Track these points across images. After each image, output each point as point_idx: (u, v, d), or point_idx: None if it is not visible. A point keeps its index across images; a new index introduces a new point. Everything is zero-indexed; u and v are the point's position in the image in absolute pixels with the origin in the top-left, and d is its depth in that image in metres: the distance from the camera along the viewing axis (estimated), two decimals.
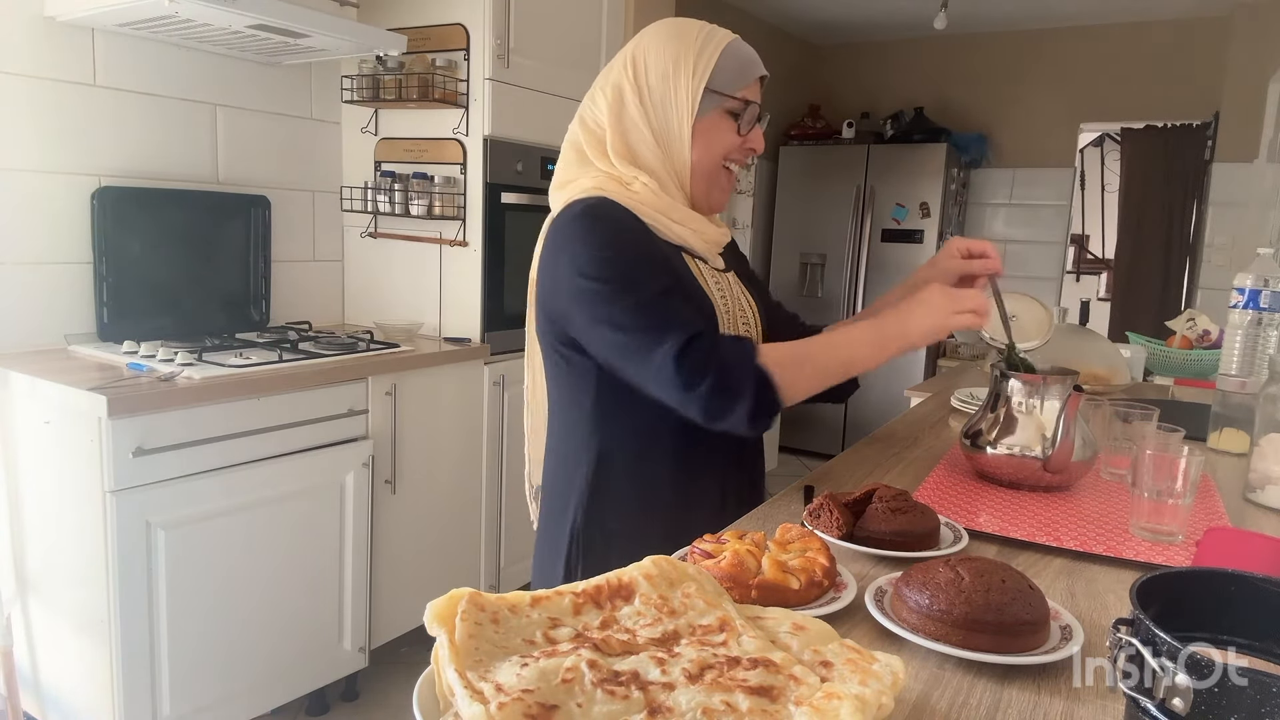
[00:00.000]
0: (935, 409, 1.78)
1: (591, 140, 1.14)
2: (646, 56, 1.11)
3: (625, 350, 1.02)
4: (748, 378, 0.98)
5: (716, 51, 1.10)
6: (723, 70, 1.10)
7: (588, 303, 1.03)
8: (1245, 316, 1.51)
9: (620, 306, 1.01)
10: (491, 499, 2.61)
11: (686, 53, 1.10)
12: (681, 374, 0.98)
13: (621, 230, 1.06)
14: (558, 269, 1.06)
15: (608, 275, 1.02)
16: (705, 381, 0.97)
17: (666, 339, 0.98)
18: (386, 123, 2.66)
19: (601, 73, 1.17)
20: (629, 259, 1.04)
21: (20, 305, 2.02)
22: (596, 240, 1.04)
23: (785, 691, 0.56)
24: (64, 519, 1.81)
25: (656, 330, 0.99)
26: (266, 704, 2.05)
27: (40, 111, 2.01)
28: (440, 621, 0.58)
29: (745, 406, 0.98)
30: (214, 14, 1.90)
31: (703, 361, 0.98)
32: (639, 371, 1.02)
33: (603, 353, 1.05)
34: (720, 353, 0.99)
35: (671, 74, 1.10)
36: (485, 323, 2.56)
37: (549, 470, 1.20)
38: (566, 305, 1.06)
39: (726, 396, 0.98)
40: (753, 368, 0.99)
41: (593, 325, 1.04)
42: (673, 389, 0.99)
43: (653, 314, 1.00)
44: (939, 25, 3.90)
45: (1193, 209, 4.59)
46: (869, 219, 4.72)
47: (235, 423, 1.88)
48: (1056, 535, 0.99)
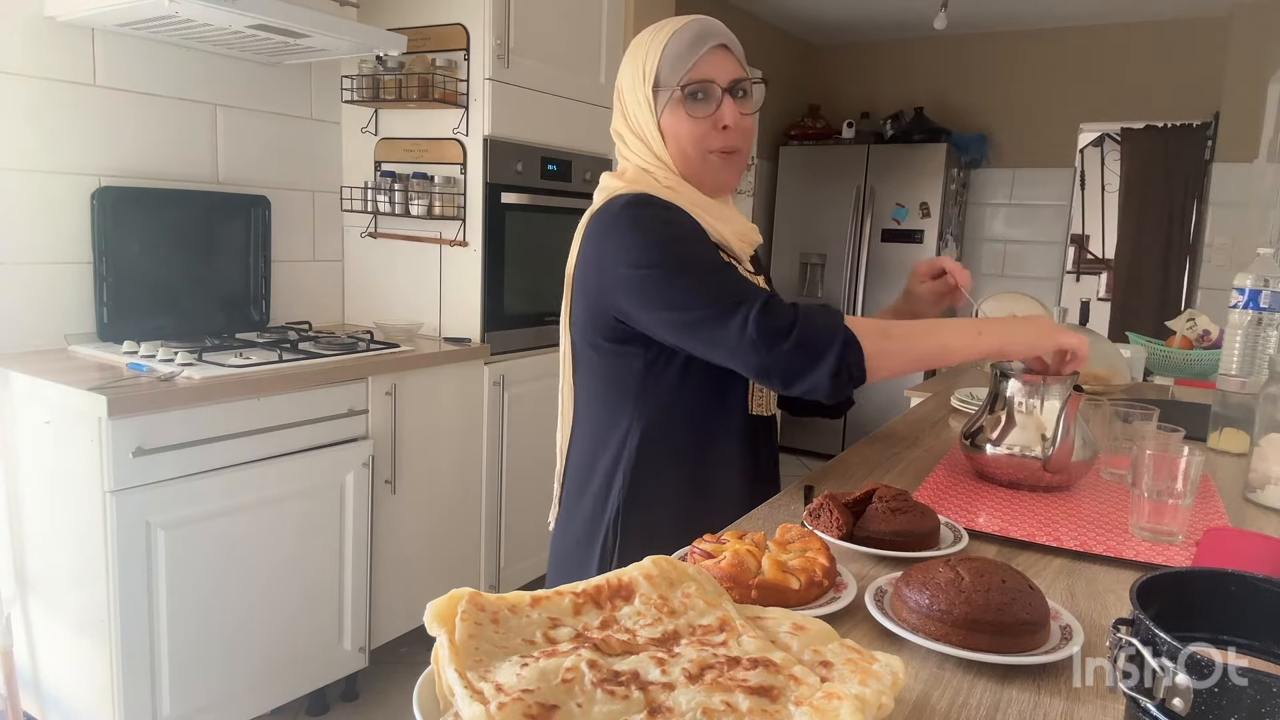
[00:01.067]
0: (935, 409, 1.78)
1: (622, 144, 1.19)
2: (623, 72, 1.15)
3: (694, 326, 1.01)
4: (835, 335, 0.97)
5: (660, 48, 1.10)
6: (665, 63, 1.10)
7: (643, 291, 1.04)
8: (1245, 316, 1.51)
9: (680, 288, 1.02)
10: (491, 499, 2.61)
11: (639, 57, 1.12)
12: (764, 334, 0.97)
13: (667, 217, 1.07)
14: (603, 263, 1.07)
15: (659, 260, 1.03)
16: (789, 338, 0.97)
17: (741, 306, 0.98)
18: (386, 123, 2.66)
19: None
20: (680, 242, 1.05)
21: (20, 305, 2.02)
22: (644, 228, 1.05)
23: (785, 691, 0.56)
24: (64, 519, 1.81)
25: (726, 302, 0.99)
26: (266, 704, 2.05)
27: (40, 111, 2.01)
28: (440, 621, 0.58)
29: (829, 365, 0.97)
30: (214, 14, 1.90)
31: (787, 319, 0.97)
32: (713, 343, 1.01)
33: (668, 336, 1.05)
34: (803, 310, 0.99)
35: (633, 85, 1.13)
36: (485, 323, 2.56)
37: (581, 464, 1.20)
38: (618, 298, 1.06)
39: (811, 352, 0.97)
40: (839, 326, 0.98)
41: (652, 312, 1.04)
42: (753, 351, 0.98)
43: (717, 288, 1.01)
44: (939, 25, 3.90)
45: (1193, 209, 4.59)
46: (869, 219, 4.72)
47: (235, 423, 1.88)
48: (1056, 535, 0.99)
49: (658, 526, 1.10)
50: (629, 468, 1.13)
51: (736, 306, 0.98)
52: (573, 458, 1.22)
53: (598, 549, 1.14)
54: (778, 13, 4.64)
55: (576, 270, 1.13)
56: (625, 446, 1.14)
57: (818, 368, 0.97)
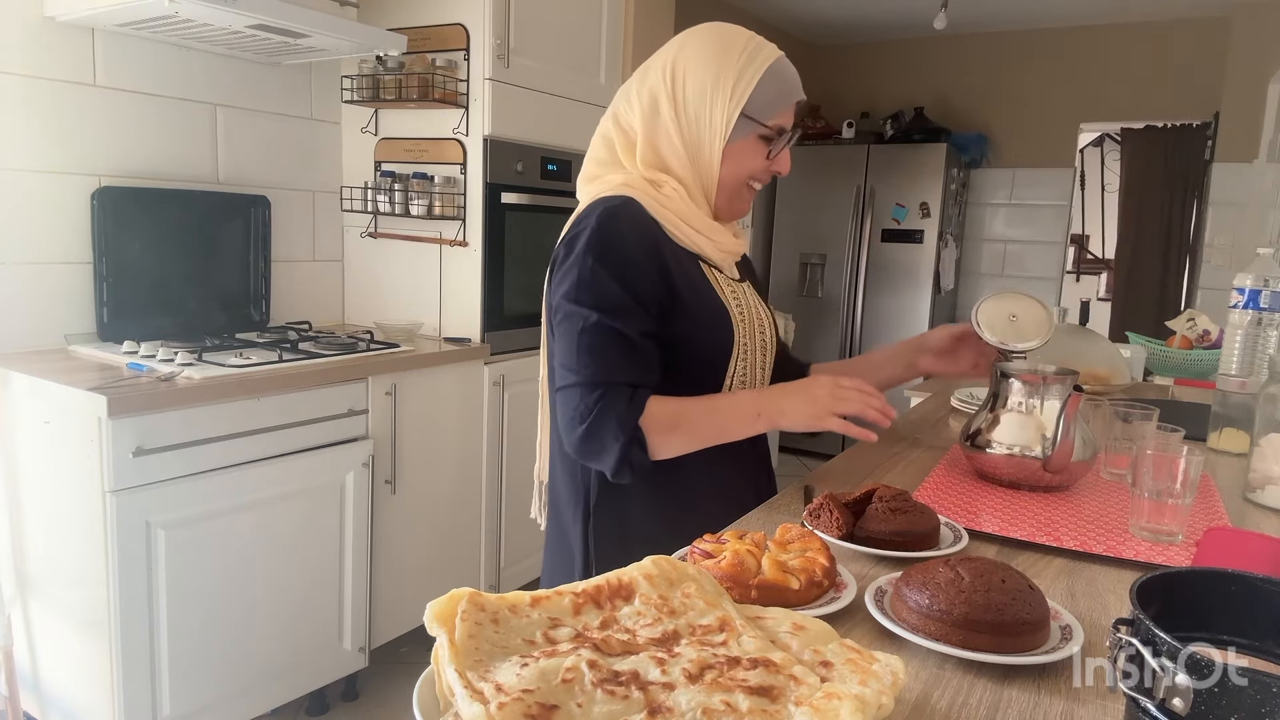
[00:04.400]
0: (935, 409, 1.78)
1: (623, 141, 1.15)
2: (687, 68, 1.10)
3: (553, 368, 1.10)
4: (621, 435, 1.03)
5: (757, 75, 1.09)
6: (761, 95, 1.10)
7: (561, 315, 1.07)
8: (1245, 316, 1.51)
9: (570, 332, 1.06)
10: (491, 499, 2.61)
11: (727, 72, 1.09)
12: (563, 412, 1.06)
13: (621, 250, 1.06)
14: (563, 275, 1.08)
15: (579, 298, 1.06)
16: (580, 427, 1.04)
17: (566, 378, 1.05)
18: (386, 123, 2.66)
19: (638, 73, 1.16)
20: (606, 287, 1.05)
21: (20, 305, 2.02)
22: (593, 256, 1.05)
23: (785, 691, 0.56)
24: (64, 519, 1.81)
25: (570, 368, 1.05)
26: (266, 704, 2.05)
27: (40, 111, 2.01)
28: (440, 621, 0.58)
29: (611, 460, 1.04)
30: (214, 14, 1.90)
31: (588, 408, 1.03)
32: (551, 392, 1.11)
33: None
34: (608, 408, 1.04)
35: (710, 92, 1.09)
36: (485, 323, 2.56)
37: (559, 467, 1.20)
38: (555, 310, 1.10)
39: (598, 446, 1.04)
40: (631, 428, 1.04)
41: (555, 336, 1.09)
42: (562, 425, 1.07)
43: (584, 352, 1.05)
44: (939, 25, 3.90)
45: (1193, 209, 4.59)
46: (869, 219, 4.72)
47: (235, 423, 1.88)
48: (1056, 535, 0.99)
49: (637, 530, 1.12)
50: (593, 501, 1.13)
51: (565, 379, 1.06)
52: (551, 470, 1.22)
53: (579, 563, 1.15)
54: (778, 13, 4.65)
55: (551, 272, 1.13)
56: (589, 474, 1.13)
57: (604, 458, 1.05)
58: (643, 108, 1.12)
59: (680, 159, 1.12)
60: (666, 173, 1.13)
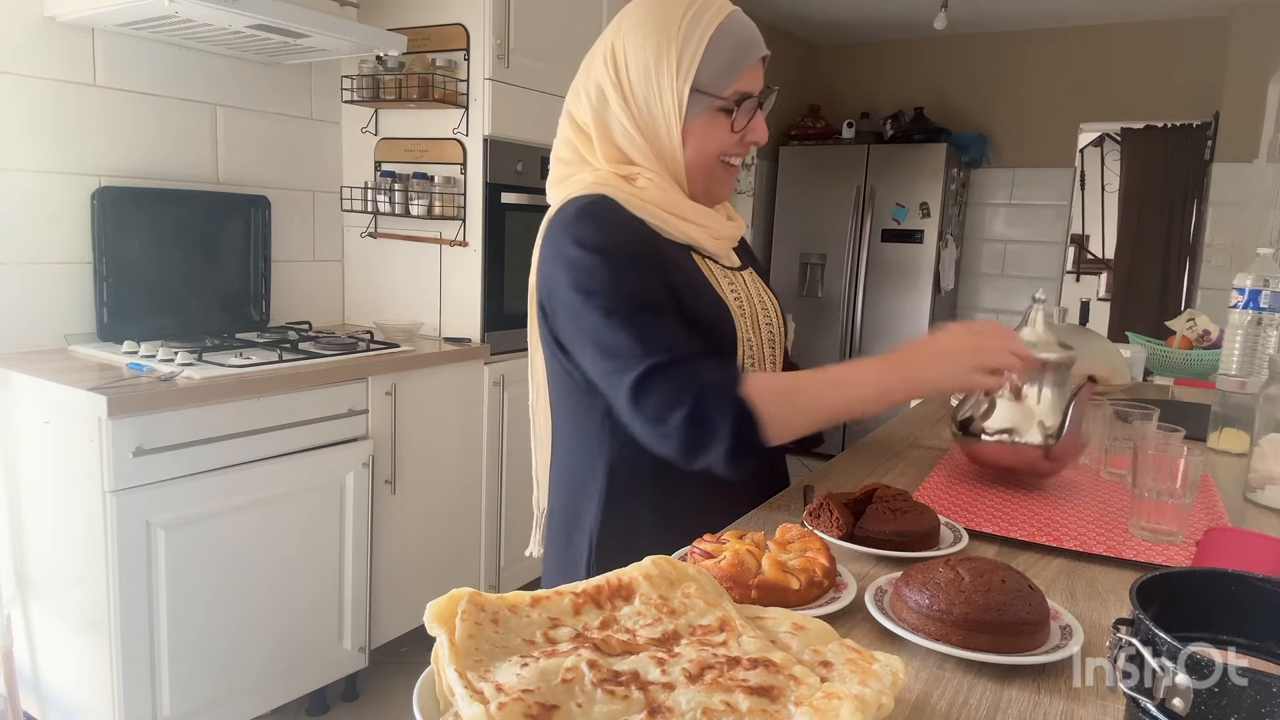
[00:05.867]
0: (935, 409, 1.78)
1: (582, 140, 1.06)
2: (627, 50, 1.00)
3: (602, 376, 0.96)
4: (727, 410, 0.89)
5: (703, 43, 0.98)
6: (710, 65, 0.99)
7: (573, 315, 0.97)
8: (1245, 316, 1.51)
9: (600, 322, 0.94)
10: (491, 499, 2.61)
11: (668, 46, 0.98)
12: (648, 405, 0.90)
13: (615, 236, 0.98)
14: (554, 276, 0.99)
15: (592, 288, 0.95)
16: (677, 413, 0.89)
17: (634, 366, 0.90)
18: (386, 123, 2.66)
19: (583, 63, 1.07)
20: (617, 270, 0.96)
21: (20, 305, 2.02)
22: (588, 246, 0.97)
23: (785, 691, 0.56)
24: (64, 519, 1.81)
25: (625, 355, 0.91)
26: (266, 704, 2.05)
27: (40, 111, 2.01)
28: (440, 621, 0.58)
29: (723, 445, 0.89)
30: (214, 14, 1.90)
31: (675, 390, 0.89)
32: (613, 400, 0.95)
33: (585, 369, 0.99)
34: (698, 379, 0.90)
35: (654, 72, 0.99)
36: (485, 323, 2.56)
37: (559, 487, 1.12)
38: (556, 316, 1.01)
39: (701, 431, 0.88)
40: (734, 398, 0.89)
41: (581, 346, 0.98)
42: (641, 422, 0.91)
43: (627, 334, 0.92)
44: (939, 25, 3.90)
45: (1193, 209, 4.59)
46: (869, 219, 4.72)
47: (235, 423, 1.88)
48: (1056, 535, 0.99)
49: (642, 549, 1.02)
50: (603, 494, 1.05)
51: (629, 366, 0.91)
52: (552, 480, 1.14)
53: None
54: (778, 12, 4.65)
55: (537, 284, 1.04)
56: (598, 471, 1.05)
57: (711, 447, 0.89)
58: (591, 102, 1.03)
59: (641, 149, 1.02)
60: (633, 165, 1.03)
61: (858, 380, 0.97)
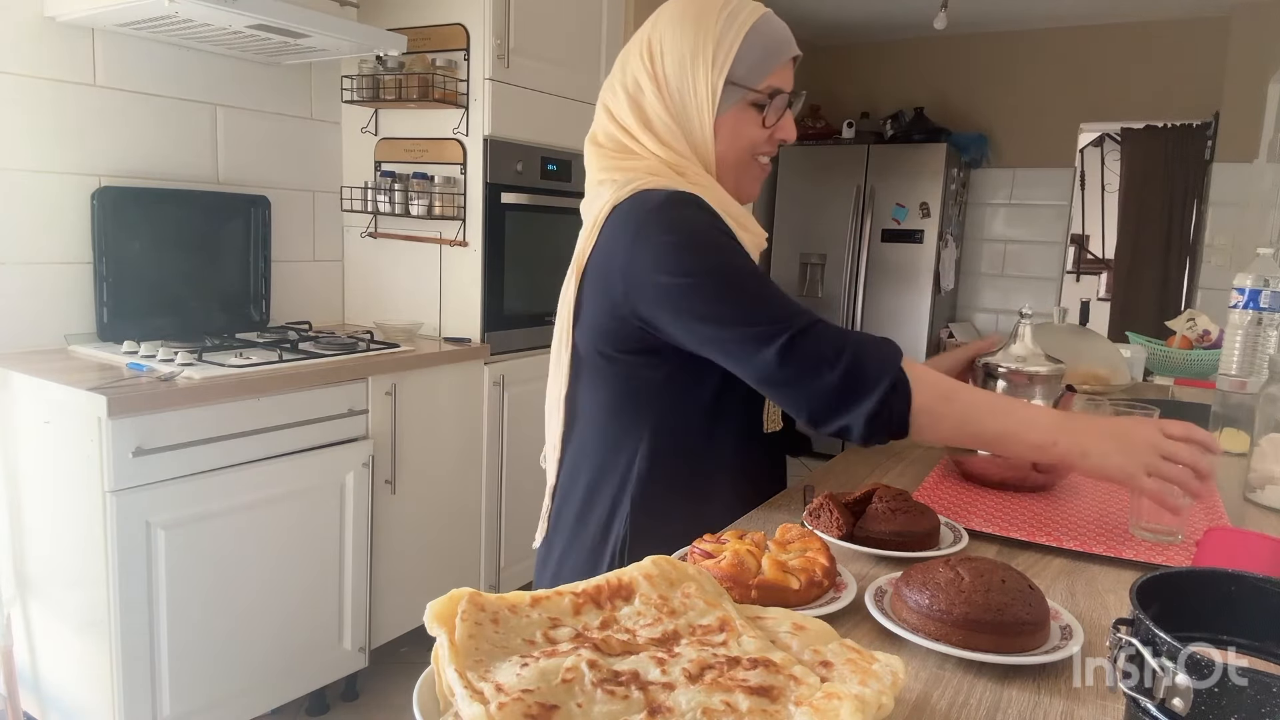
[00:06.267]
0: None
1: (623, 133, 1.07)
2: (663, 43, 1.02)
3: (729, 344, 0.93)
4: (885, 373, 0.88)
5: (739, 38, 1.01)
6: (745, 59, 1.01)
7: (678, 301, 0.95)
8: (1245, 316, 1.51)
9: (720, 301, 0.93)
10: (491, 499, 2.61)
11: (705, 40, 1.01)
12: (802, 362, 0.89)
13: (710, 222, 0.99)
14: (633, 266, 0.97)
15: (701, 269, 0.94)
16: (837, 365, 0.88)
17: (783, 331, 0.90)
18: (386, 123, 2.66)
19: (619, 60, 1.09)
20: (723, 251, 0.96)
21: (20, 305, 2.02)
22: (684, 231, 0.96)
23: (785, 691, 0.56)
24: (64, 519, 1.81)
25: (767, 322, 0.91)
26: (266, 704, 2.05)
27: (40, 111, 2.01)
28: (440, 621, 0.58)
29: (870, 404, 0.87)
30: (214, 14, 1.90)
31: (833, 346, 0.89)
32: (745, 365, 0.93)
33: (701, 349, 0.96)
34: (856, 337, 0.91)
35: (689, 64, 1.01)
36: (485, 323, 2.56)
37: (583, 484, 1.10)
38: (646, 305, 0.97)
39: (852, 389, 0.88)
40: (895, 364, 0.89)
41: (686, 323, 0.95)
42: (786, 382, 0.90)
43: (760, 305, 0.93)
44: (939, 25, 3.90)
45: (1193, 209, 4.59)
46: (869, 219, 4.72)
47: (235, 423, 1.88)
48: (1056, 535, 0.99)
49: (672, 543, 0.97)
50: (636, 491, 1.05)
51: (778, 330, 0.90)
52: (574, 476, 1.11)
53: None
54: (778, 12, 4.64)
55: (592, 269, 1.02)
56: (634, 468, 1.05)
57: (856, 408, 0.88)
58: (629, 96, 1.05)
59: (677, 141, 1.04)
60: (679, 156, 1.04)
61: (1025, 419, 0.93)
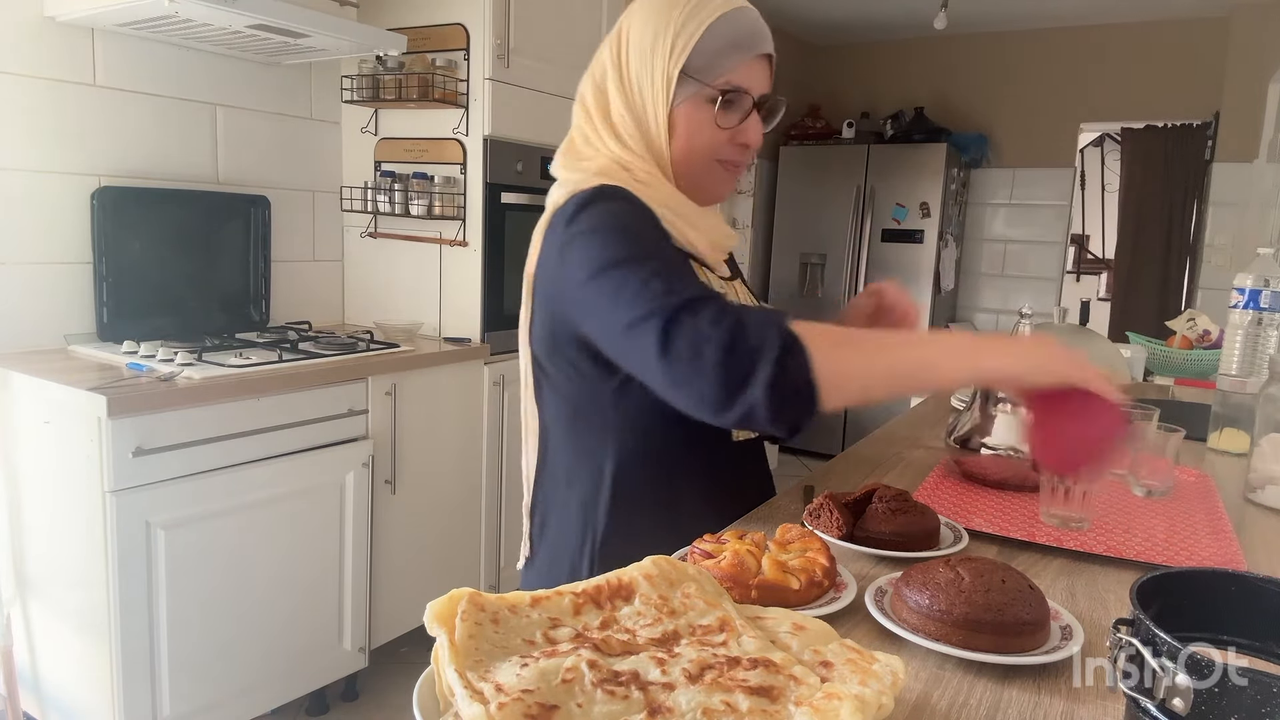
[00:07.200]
0: (935, 409, 1.78)
1: (589, 124, 1.03)
2: (630, 31, 0.99)
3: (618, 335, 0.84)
4: (772, 339, 0.75)
5: (700, 28, 0.95)
6: (705, 50, 0.95)
7: (584, 300, 0.90)
8: (1245, 316, 1.51)
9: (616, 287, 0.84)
10: (491, 499, 2.61)
11: (667, 28, 0.96)
12: (680, 343, 0.77)
13: (629, 210, 0.93)
14: (562, 269, 0.93)
15: (609, 259, 0.86)
16: (714, 343, 0.75)
17: (664, 310, 0.79)
18: (386, 123, 2.66)
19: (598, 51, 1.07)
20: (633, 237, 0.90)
21: (20, 305, 2.02)
22: (603, 226, 0.90)
23: (785, 691, 0.56)
24: (64, 519, 1.81)
25: (646, 313, 0.80)
26: (266, 704, 2.05)
27: (40, 111, 2.01)
28: (440, 621, 0.58)
29: (766, 375, 0.74)
30: (214, 14, 1.90)
31: (712, 320, 0.77)
32: (632, 356, 0.84)
33: (612, 354, 0.89)
34: (737, 309, 0.78)
35: (649, 52, 0.96)
36: (485, 323, 2.56)
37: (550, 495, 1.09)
38: (569, 310, 0.94)
39: (743, 361, 0.74)
40: (780, 328, 0.76)
41: (593, 324, 0.90)
42: (672, 366, 0.77)
43: (650, 287, 0.82)
44: (939, 25, 3.90)
45: (1193, 209, 4.59)
46: (869, 219, 4.72)
47: (235, 423, 1.88)
48: (1056, 535, 0.99)
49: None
50: (607, 504, 1.02)
51: (650, 319, 0.79)
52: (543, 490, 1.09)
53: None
54: (777, 13, 4.64)
55: (537, 279, 1.00)
56: (601, 480, 1.02)
57: (752, 380, 0.74)
58: (595, 86, 1.01)
59: (633, 135, 0.99)
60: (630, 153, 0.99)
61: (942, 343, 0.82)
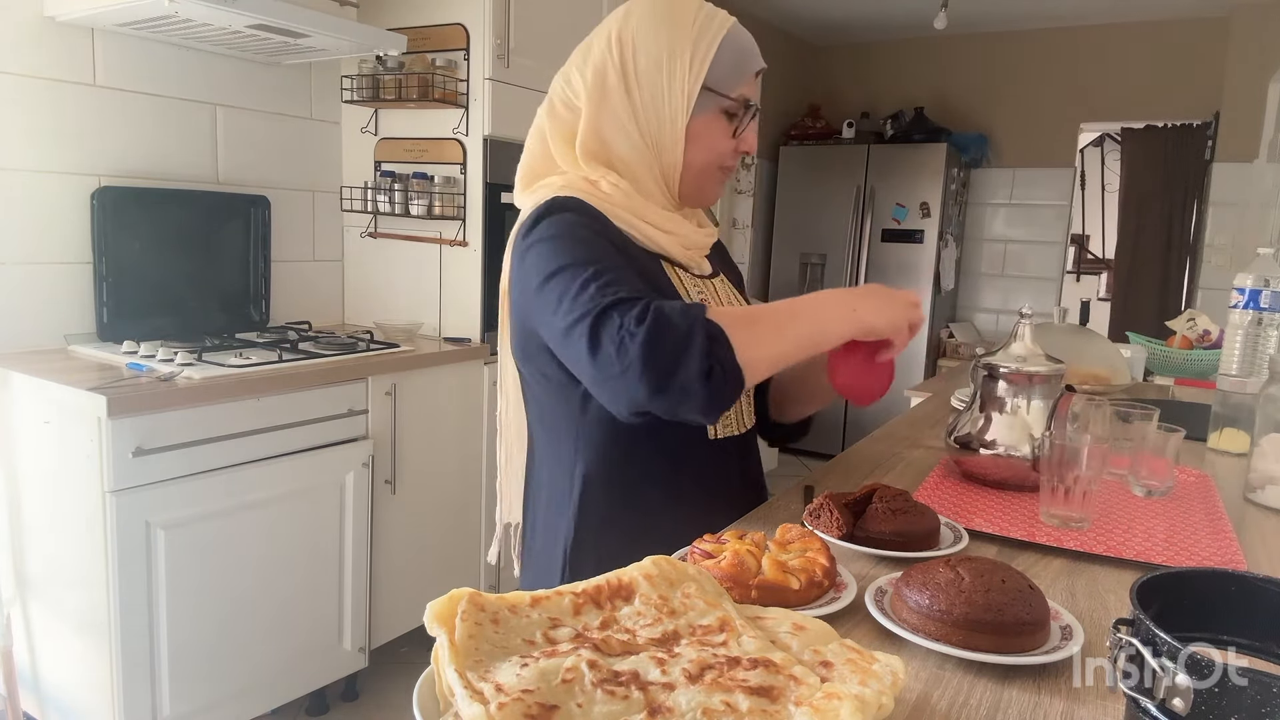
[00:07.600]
0: (935, 409, 1.78)
1: (561, 130, 1.04)
2: (636, 39, 1.00)
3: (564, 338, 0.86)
4: (694, 329, 0.80)
5: (715, 42, 0.99)
6: (720, 64, 0.99)
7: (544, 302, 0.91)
8: (1245, 316, 1.51)
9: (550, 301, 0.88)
10: (492, 499, 2.60)
11: (683, 40, 0.98)
12: (605, 340, 0.81)
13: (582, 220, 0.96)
14: (523, 275, 0.96)
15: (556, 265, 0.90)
16: (637, 337, 0.79)
17: (592, 310, 0.83)
18: (386, 123, 2.66)
19: (577, 51, 1.06)
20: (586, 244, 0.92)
21: (20, 305, 2.02)
22: (551, 235, 0.93)
23: (785, 692, 0.56)
24: (64, 519, 1.81)
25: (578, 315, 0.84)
26: (266, 704, 2.05)
27: (40, 111, 2.01)
28: (440, 621, 0.58)
29: (695, 364, 0.79)
30: (214, 14, 1.90)
31: (634, 316, 0.80)
32: (572, 358, 0.87)
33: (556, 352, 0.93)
34: (656, 304, 0.82)
35: (666, 64, 0.98)
36: (485, 323, 2.56)
37: (535, 502, 1.11)
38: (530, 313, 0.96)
39: (667, 352, 0.79)
40: (699, 317, 0.82)
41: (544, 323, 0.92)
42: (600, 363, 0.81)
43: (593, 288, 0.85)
44: (939, 25, 3.90)
45: (1193, 209, 4.59)
46: (869, 219, 4.72)
47: (235, 423, 1.88)
48: (1056, 535, 0.99)
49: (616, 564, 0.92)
50: (576, 510, 1.02)
51: (579, 320, 0.83)
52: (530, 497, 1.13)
53: None
54: (777, 13, 4.64)
55: (509, 291, 1.02)
56: (573, 486, 1.02)
57: (682, 372, 0.79)
58: (588, 88, 1.01)
59: (634, 143, 1.00)
60: (610, 163, 1.01)
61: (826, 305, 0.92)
